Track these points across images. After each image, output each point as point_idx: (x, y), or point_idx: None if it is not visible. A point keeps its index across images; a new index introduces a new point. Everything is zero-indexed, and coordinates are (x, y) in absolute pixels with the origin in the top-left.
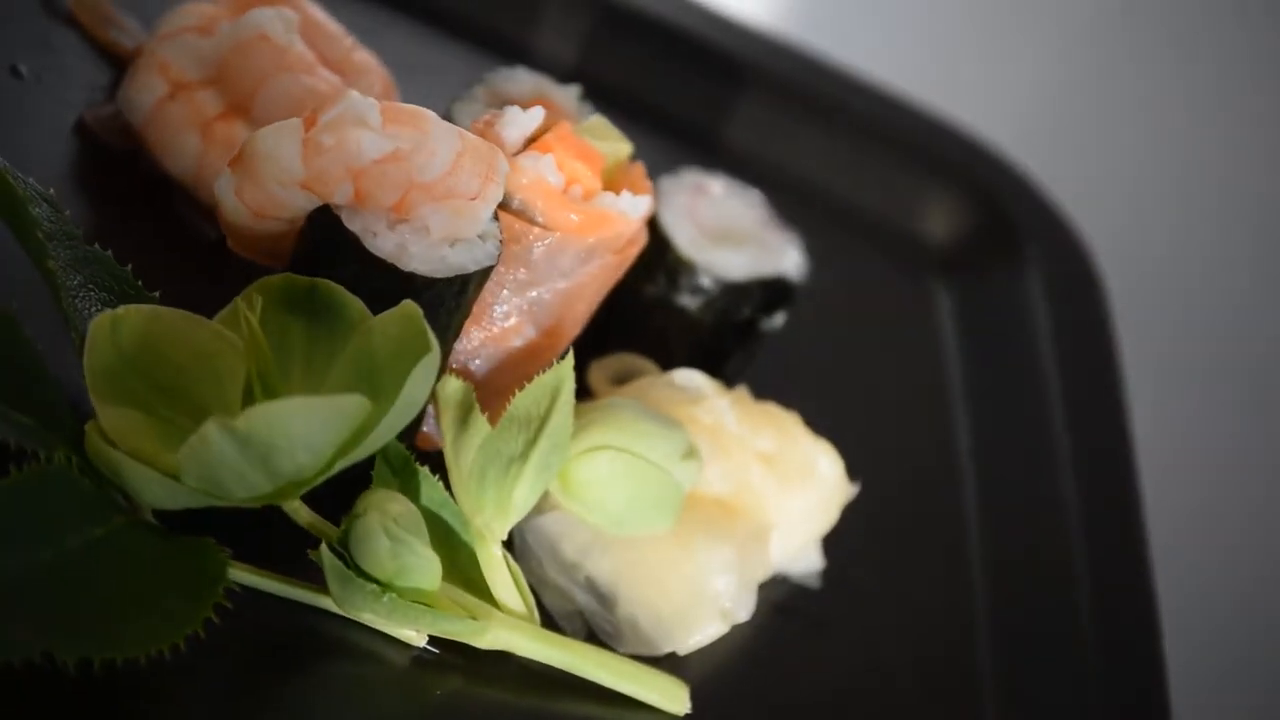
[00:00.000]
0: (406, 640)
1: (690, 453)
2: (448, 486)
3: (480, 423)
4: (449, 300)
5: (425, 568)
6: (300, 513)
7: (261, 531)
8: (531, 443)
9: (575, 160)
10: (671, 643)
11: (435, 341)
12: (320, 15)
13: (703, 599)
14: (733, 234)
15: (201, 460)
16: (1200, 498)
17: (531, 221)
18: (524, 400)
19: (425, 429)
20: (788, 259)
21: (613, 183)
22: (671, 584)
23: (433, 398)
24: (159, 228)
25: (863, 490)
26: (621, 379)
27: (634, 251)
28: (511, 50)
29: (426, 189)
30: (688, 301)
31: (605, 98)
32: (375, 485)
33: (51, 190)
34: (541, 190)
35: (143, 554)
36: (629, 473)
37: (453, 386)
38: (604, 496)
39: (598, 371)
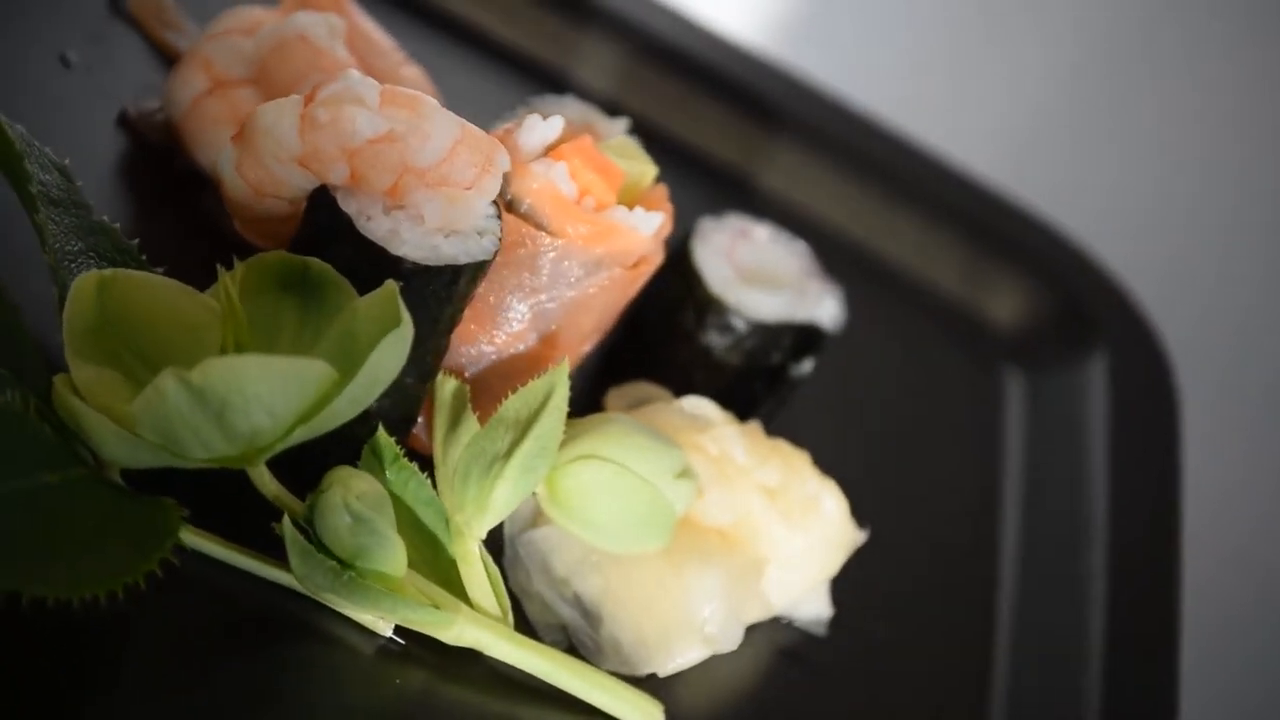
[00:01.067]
0: (372, 628)
1: (684, 473)
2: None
3: (471, 422)
4: (438, 289)
5: (387, 549)
6: (265, 481)
7: (238, 509)
8: (516, 443)
9: (591, 172)
10: (652, 664)
11: (408, 318)
12: (372, 28)
13: (686, 622)
14: (769, 278)
15: (157, 412)
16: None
17: (539, 227)
18: (514, 402)
19: (418, 432)
20: (823, 308)
21: (632, 201)
22: (658, 605)
23: (428, 400)
24: (185, 223)
25: (885, 547)
26: (637, 408)
27: (646, 269)
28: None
29: (420, 174)
30: (715, 340)
31: (677, 156)
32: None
33: (67, 160)
34: (551, 196)
35: (95, 505)
36: (616, 485)
37: (448, 386)
38: (590, 507)
39: (615, 399)
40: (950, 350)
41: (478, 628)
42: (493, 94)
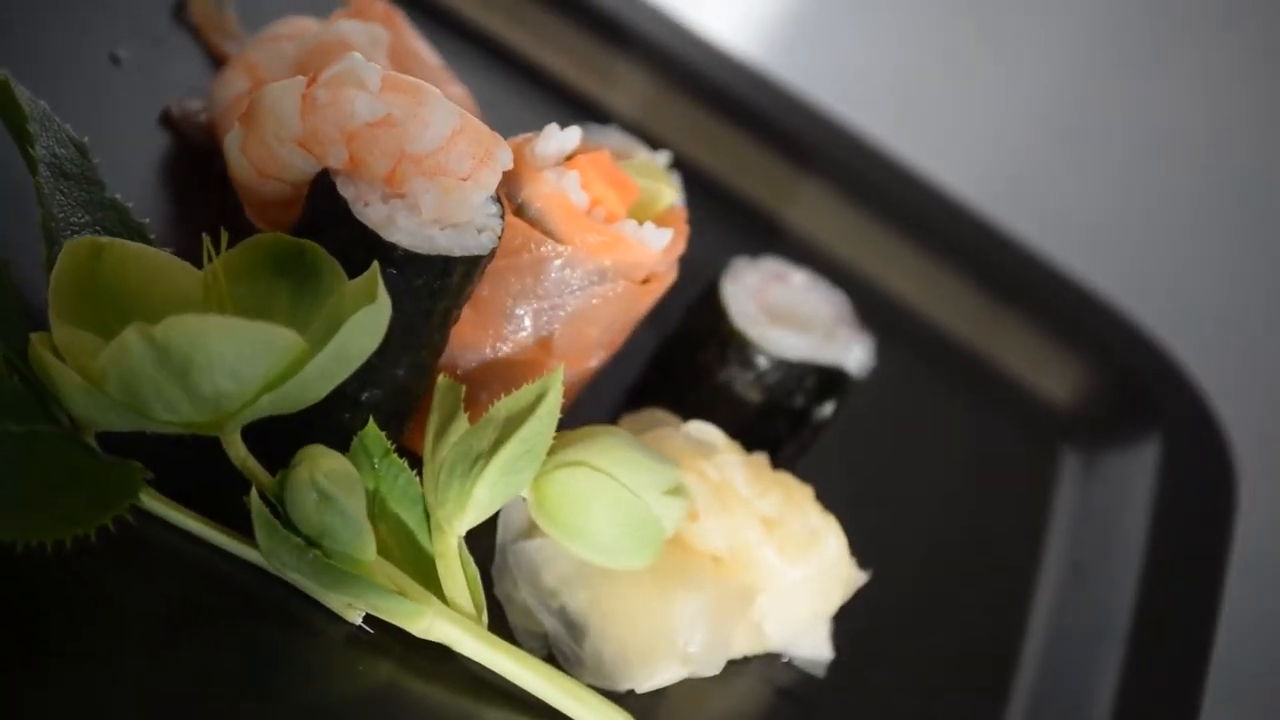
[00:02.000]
0: (341, 614)
1: (676, 491)
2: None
3: (462, 421)
4: (430, 280)
5: (353, 531)
6: (237, 449)
7: (217, 485)
8: (501, 443)
9: (604, 184)
10: (632, 680)
11: (385, 297)
12: (420, 45)
13: (668, 641)
14: (799, 321)
15: (122, 367)
16: None
17: (546, 233)
18: (506, 403)
19: None
20: (851, 353)
21: (647, 218)
22: (643, 622)
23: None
24: (216, 220)
25: (903, 601)
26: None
27: (657, 287)
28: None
29: (417, 161)
30: (736, 375)
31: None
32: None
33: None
34: (560, 203)
35: (57, 460)
36: (602, 495)
37: (444, 385)
38: (576, 516)
39: (627, 424)
40: (1001, 421)
41: (448, 623)
42: (539, 121)
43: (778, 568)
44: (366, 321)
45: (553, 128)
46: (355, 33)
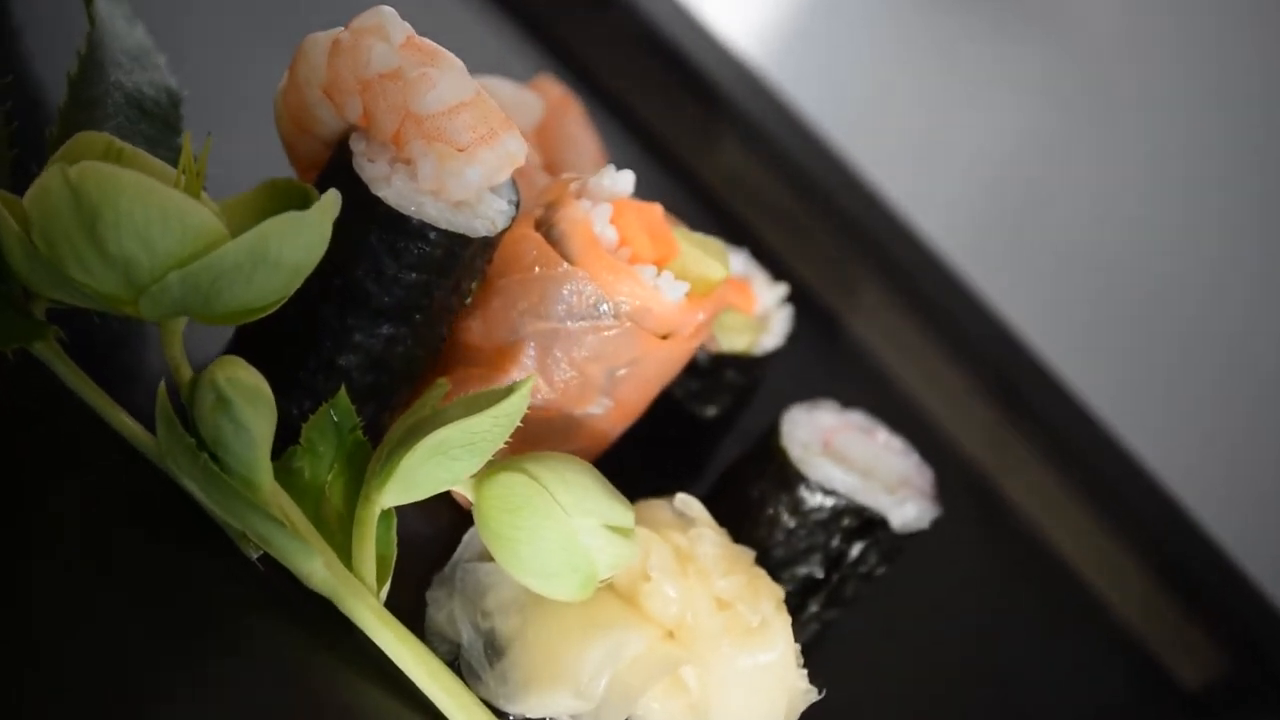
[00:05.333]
0: (237, 541)
1: (621, 531)
2: None
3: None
4: (409, 243)
5: (245, 443)
6: (169, 335)
7: None
8: (442, 424)
9: (640, 230)
10: (523, 704)
11: (320, 203)
12: (584, 134)
13: (570, 671)
14: (860, 466)
15: (42, 206)
16: None
17: (563, 255)
18: (474, 395)
19: None
20: (901, 508)
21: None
22: (559, 656)
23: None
24: None
25: None
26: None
27: (674, 347)
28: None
29: (419, 121)
30: (769, 490)
31: None
32: (311, 422)
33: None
34: (583, 229)
35: None
36: (533, 507)
37: (435, 384)
38: (506, 524)
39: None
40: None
41: (341, 582)
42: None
43: (722, 650)
44: (294, 226)
45: (610, 168)
46: (505, 88)
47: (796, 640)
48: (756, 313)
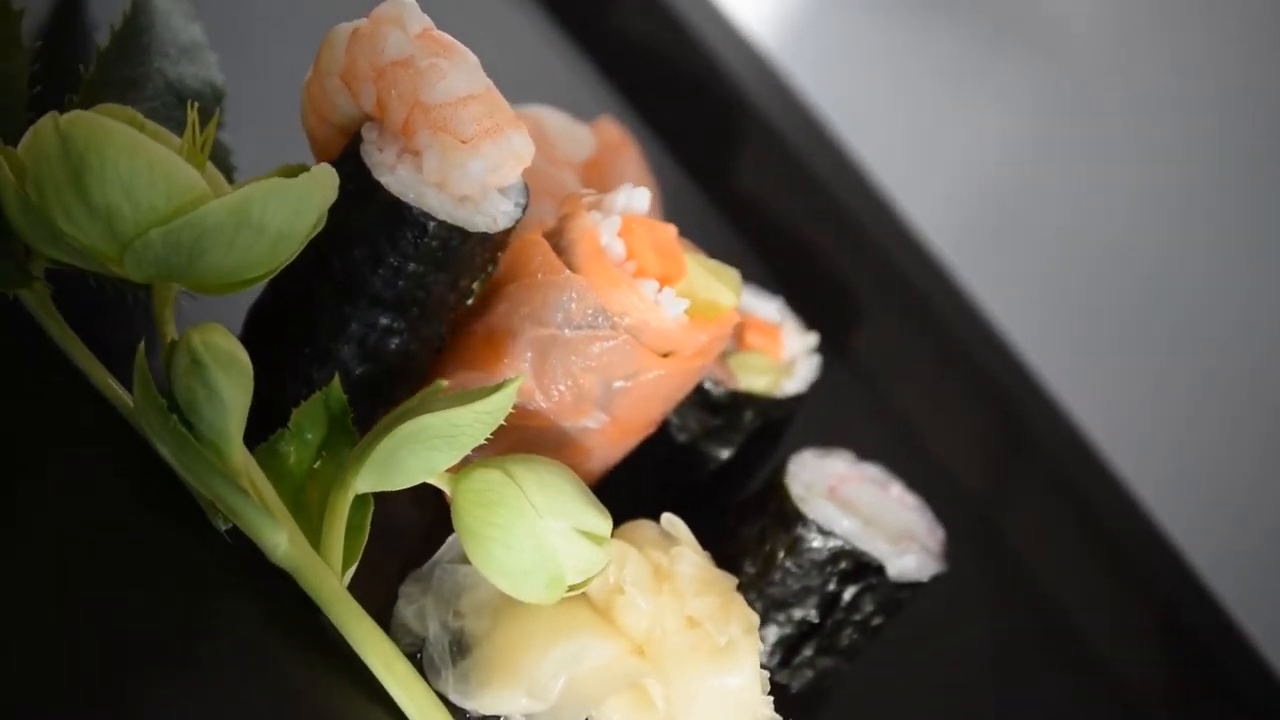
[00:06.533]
0: (206, 511)
1: (593, 537)
2: None
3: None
4: (405, 231)
5: (217, 411)
6: (162, 304)
7: None
8: (422, 413)
9: (648, 246)
10: (477, 700)
11: (310, 175)
12: (639, 176)
13: (526, 671)
14: (865, 515)
15: (34, 154)
16: None
17: (567, 264)
18: (463, 391)
19: None
20: (900, 559)
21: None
22: (521, 657)
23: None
24: None
25: None
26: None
27: (674, 366)
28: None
29: (426, 111)
30: (768, 524)
31: None
32: (303, 407)
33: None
34: (589, 239)
35: None
36: (506, 505)
37: (434, 385)
38: (479, 521)
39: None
40: None
41: (307, 560)
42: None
43: (688, 668)
44: (278, 191)
45: (629, 185)
46: (557, 119)
47: (790, 684)
48: (783, 358)
